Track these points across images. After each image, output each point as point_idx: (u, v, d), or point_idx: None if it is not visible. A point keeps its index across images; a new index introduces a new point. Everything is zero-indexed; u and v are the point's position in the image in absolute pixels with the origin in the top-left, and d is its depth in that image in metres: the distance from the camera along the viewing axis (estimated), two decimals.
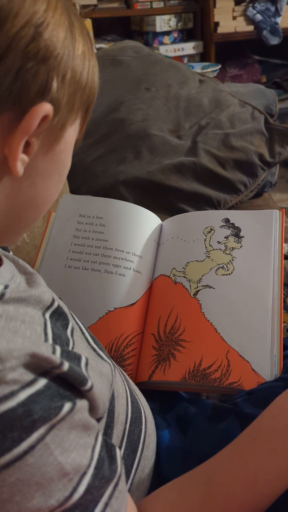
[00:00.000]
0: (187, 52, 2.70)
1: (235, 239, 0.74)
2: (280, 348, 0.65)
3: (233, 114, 1.39)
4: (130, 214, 0.79)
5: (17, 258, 0.53)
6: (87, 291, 0.73)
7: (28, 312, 0.41)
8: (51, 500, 0.34)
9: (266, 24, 2.68)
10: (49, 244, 0.79)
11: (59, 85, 0.39)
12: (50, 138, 0.41)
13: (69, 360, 0.38)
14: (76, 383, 0.38)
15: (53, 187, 0.45)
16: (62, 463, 0.35)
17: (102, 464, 0.39)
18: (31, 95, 0.37)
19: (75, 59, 0.41)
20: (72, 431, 0.36)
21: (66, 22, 0.40)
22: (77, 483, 0.36)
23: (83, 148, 1.35)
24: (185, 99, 1.43)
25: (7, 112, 0.37)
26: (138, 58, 1.57)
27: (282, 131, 1.38)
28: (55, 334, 0.41)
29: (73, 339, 0.45)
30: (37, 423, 0.34)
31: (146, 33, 2.68)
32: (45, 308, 0.44)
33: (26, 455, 0.33)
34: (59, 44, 0.39)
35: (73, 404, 0.37)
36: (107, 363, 0.48)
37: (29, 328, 0.39)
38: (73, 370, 0.37)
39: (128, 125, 1.35)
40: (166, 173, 1.27)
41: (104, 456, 0.39)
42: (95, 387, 0.40)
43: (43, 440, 0.34)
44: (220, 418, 0.58)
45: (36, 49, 0.37)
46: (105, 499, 0.38)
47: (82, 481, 0.36)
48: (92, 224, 0.78)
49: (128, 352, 0.70)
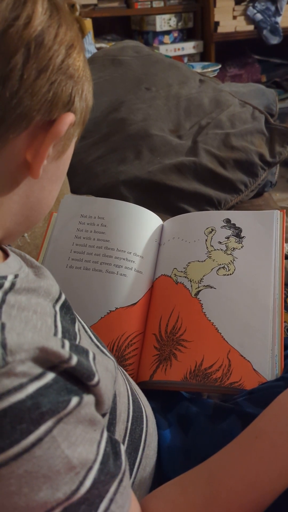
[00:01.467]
0: (187, 52, 2.70)
1: (236, 239, 0.74)
2: (281, 347, 0.66)
3: (234, 114, 1.40)
4: (131, 214, 0.79)
5: (23, 253, 0.53)
6: (88, 291, 0.74)
7: (39, 302, 0.42)
8: (58, 493, 0.34)
9: (266, 24, 2.68)
10: (50, 244, 0.79)
11: (78, 100, 0.45)
12: (63, 146, 0.46)
13: (78, 354, 0.38)
14: (84, 378, 0.39)
15: (56, 192, 0.49)
16: (69, 456, 0.35)
17: (108, 460, 0.39)
18: (60, 105, 0.43)
19: (86, 81, 0.47)
20: (79, 425, 0.37)
21: (83, 49, 0.46)
22: (83, 477, 0.36)
23: (83, 148, 1.35)
24: (186, 99, 1.43)
25: (38, 118, 0.41)
26: (139, 58, 1.57)
27: (282, 131, 1.38)
28: (64, 327, 0.42)
29: (80, 334, 0.45)
30: (45, 416, 0.34)
31: (146, 32, 2.68)
32: (55, 300, 0.45)
33: (34, 447, 0.33)
34: (81, 65, 0.45)
35: (80, 399, 0.37)
36: (111, 359, 0.49)
37: (40, 319, 0.39)
38: (81, 365, 0.38)
39: (128, 125, 1.35)
40: (167, 173, 1.27)
41: (109, 451, 0.40)
42: (101, 382, 0.40)
43: (51, 433, 0.34)
44: (221, 417, 0.58)
45: (67, 66, 0.42)
46: (111, 494, 0.38)
47: (89, 475, 0.36)
48: (93, 225, 0.78)
49: (129, 352, 0.71)
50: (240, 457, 0.46)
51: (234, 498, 0.44)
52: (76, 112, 0.45)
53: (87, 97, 0.47)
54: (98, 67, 1.56)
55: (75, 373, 0.38)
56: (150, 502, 0.47)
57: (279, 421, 0.46)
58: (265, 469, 0.44)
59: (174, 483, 0.48)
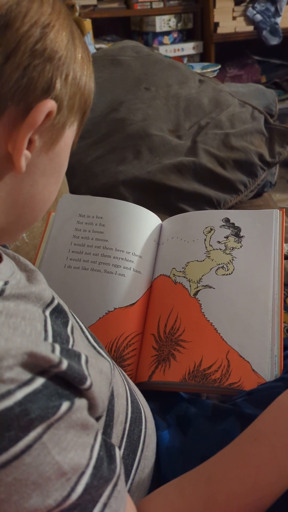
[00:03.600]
0: (187, 52, 2.70)
1: (235, 239, 0.74)
2: (280, 348, 0.65)
3: (233, 114, 1.39)
4: (130, 214, 0.79)
5: (18, 255, 0.52)
6: (87, 291, 0.73)
7: (28, 308, 0.41)
8: (48, 500, 0.34)
9: (266, 24, 2.68)
10: (48, 244, 0.79)
11: (62, 85, 0.41)
12: (52, 137, 0.42)
13: (68, 358, 0.38)
14: (75, 382, 0.38)
15: (52, 186, 0.46)
16: (59, 462, 0.35)
17: (101, 464, 0.38)
18: (37, 92, 0.39)
19: (75, 62, 0.42)
20: (70, 431, 0.36)
21: (68, 27, 0.42)
22: (75, 482, 0.35)
23: (83, 148, 1.35)
24: (185, 99, 1.43)
25: (13, 107, 0.38)
26: (138, 58, 1.57)
27: (282, 131, 1.38)
28: (55, 331, 0.41)
29: (73, 336, 0.44)
30: (34, 422, 0.33)
31: (146, 33, 2.67)
32: (45, 305, 0.44)
33: (23, 455, 0.33)
34: (62, 46, 0.40)
35: (71, 403, 0.36)
36: (107, 361, 0.48)
37: (29, 325, 0.38)
38: (72, 369, 0.37)
39: (128, 125, 1.35)
40: (166, 173, 1.27)
41: (103, 455, 0.39)
42: (94, 385, 0.40)
43: (41, 439, 0.34)
44: (220, 418, 0.58)
45: (42, 48, 0.39)
46: (104, 499, 0.38)
47: (81, 480, 0.36)
48: (92, 224, 0.78)
49: (128, 352, 0.70)
50: (239, 459, 0.46)
51: (233, 500, 0.44)
52: (59, 98, 0.41)
53: (79, 81, 0.43)
54: (98, 67, 1.56)
55: (66, 377, 0.37)
56: (148, 505, 0.47)
57: (278, 423, 0.46)
58: (264, 472, 0.44)
59: (172, 485, 0.48)
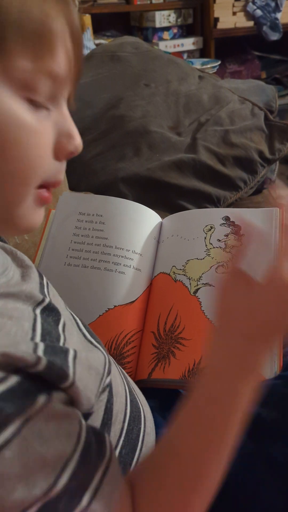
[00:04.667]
0: (187, 48, 2.69)
1: (235, 237, 0.74)
2: (280, 346, 0.65)
3: (233, 111, 1.39)
4: (130, 212, 0.79)
5: (16, 251, 0.52)
6: (86, 289, 0.73)
7: (17, 307, 0.40)
8: (34, 490, 0.34)
9: (266, 20, 2.67)
10: (48, 242, 0.79)
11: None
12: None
13: (53, 356, 0.37)
14: (54, 380, 0.38)
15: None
16: (42, 453, 0.35)
17: (89, 451, 0.38)
18: None
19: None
20: (50, 421, 0.36)
21: None
22: (60, 471, 0.36)
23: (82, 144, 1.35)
24: (185, 96, 1.43)
25: None
26: (138, 54, 1.56)
27: (282, 128, 1.38)
28: (45, 330, 0.41)
29: (65, 334, 0.44)
30: (10, 417, 0.34)
31: (146, 28, 2.66)
32: (36, 303, 0.44)
33: (2, 450, 0.33)
34: None
35: (48, 395, 0.36)
36: (102, 354, 0.47)
37: (15, 325, 0.38)
38: (51, 368, 0.37)
39: (127, 122, 1.35)
40: (166, 170, 1.27)
41: (91, 441, 0.39)
42: (78, 383, 0.39)
43: (19, 433, 0.34)
44: None
45: None
46: (95, 484, 0.38)
47: (66, 468, 0.36)
48: (91, 222, 0.78)
49: (127, 350, 0.70)
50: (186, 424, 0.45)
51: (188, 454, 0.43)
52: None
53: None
54: (97, 63, 1.55)
55: (44, 376, 0.37)
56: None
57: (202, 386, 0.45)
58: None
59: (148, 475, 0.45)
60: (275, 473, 0.51)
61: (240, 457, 0.53)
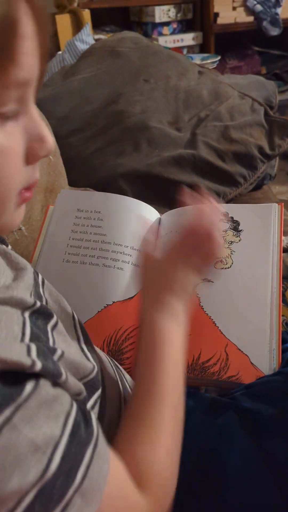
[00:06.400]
0: (187, 43, 2.68)
1: (233, 232, 0.74)
2: (279, 342, 0.65)
3: (233, 106, 1.39)
4: (128, 208, 0.79)
5: (10, 253, 0.51)
6: (85, 285, 0.73)
7: (6, 311, 0.40)
8: (29, 476, 0.34)
9: (266, 15, 2.66)
10: (47, 239, 0.79)
11: None
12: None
13: (44, 357, 0.38)
14: (50, 378, 0.38)
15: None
16: (32, 439, 0.35)
17: (78, 429, 0.39)
18: None
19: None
20: (42, 406, 0.36)
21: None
22: (51, 453, 0.36)
23: (81, 140, 1.35)
24: (184, 91, 1.42)
25: None
26: (137, 49, 1.55)
27: (282, 123, 1.37)
28: (34, 333, 0.41)
29: (54, 337, 0.44)
30: (0, 407, 0.33)
31: (145, 23, 2.65)
32: (25, 307, 0.43)
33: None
34: None
35: (36, 381, 0.36)
36: (91, 364, 0.48)
37: (5, 329, 0.38)
38: (46, 369, 0.37)
39: (127, 117, 1.34)
40: (165, 165, 1.26)
41: (80, 420, 0.39)
42: (69, 379, 0.40)
43: (10, 421, 0.34)
44: (218, 412, 0.58)
45: None
46: (86, 461, 0.38)
47: (57, 450, 0.36)
48: (90, 219, 0.78)
49: (126, 345, 0.70)
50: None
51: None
52: None
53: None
54: (96, 59, 1.55)
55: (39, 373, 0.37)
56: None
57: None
58: None
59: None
60: (273, 469, 0.51)
61: (239, 452, 0.53)
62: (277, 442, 0.53)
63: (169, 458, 0.46)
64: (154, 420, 0.47)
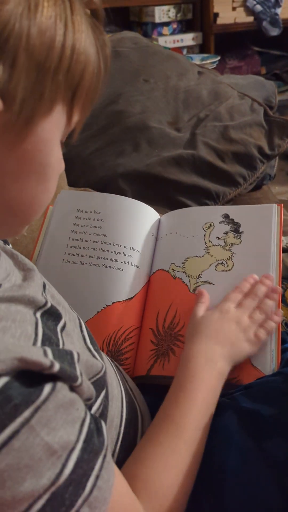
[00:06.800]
0: (186, 43, 2.68)
1: (234, 234, 0.74)
2: (278, 342, 0.65)
3: (232, 106, 1.39)
4: (128, 209, 0.79)
5: (17, 253, 0.52)
6: (85, 286, 0.73)
7: (19, 310, 0.40)
8: (43, 480, 0.34)
9: (266, 15, 2.66)
10: (46, 240, 0.79)
11: (8, 72, 0.32)
12: (10, 135, 0.36)
13: (60, 359, 0.38)
14: (66, 380, 0.38)
15: (34, 189, 0.41)
16: (49, 442, 0.35)
17: (92, 437, 0.39)
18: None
19: (38, 31, 0.33)
20: (59, 410, 0.36)
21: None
22: (66, 459, 0.36)
23: (81, 140, 1.34)
24: (184, 91, 1.42)
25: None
26: (137, 49, 1.55)
27: (281, 123, 1.37)
28: (46, 334, 0.41)
29: (63, 339, 0.44)
30: (20, 408, 0.33)
31: (145, 24, 2.65)
32: (37, 307, 0.44)
33: (11, 440, 0.33)
34: (8, 15, 0.31)
35: (53, 384, 0.36)
36: (99, 362, 0.48)
37: (19, 327, 0.38)
38: (63, 371, 0.37)
39: (126, 117, 1.34)
40: (165, 165, 1.26)
41: (93, 428, 0.40)
42: (84, 383, 0.40)
43: (28, 423, 0.34)
44: (217, 413, 0.58)
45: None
46: (96, 471, 0.38)
47: (71, 456, 0.36)
48: (90, 219, 0.78)
49: (126, 346, 0.70)
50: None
51: None
52: (7, 91, 0.33)
53: (47, 57, 0.34)
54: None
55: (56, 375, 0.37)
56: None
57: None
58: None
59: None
60: (273, 469, 0.51)
61: (239, 452, 0.53)
62: (276, 442, 0.53)
63: (179, 479, 0.48)
64: (172, 443, 0.50)
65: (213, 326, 0.63)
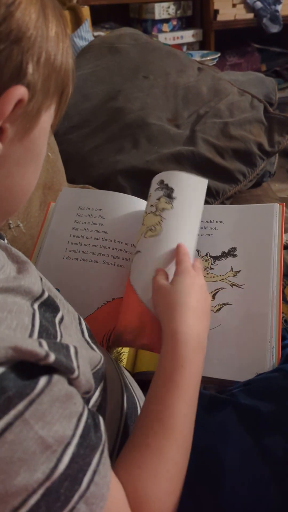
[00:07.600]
0: (186, 40, 2.68)
1: (166, 199, 0.71)
2: (278, 338, 0.65)
3: (232, 103, 1.38)
4: (129, 206, 0.79)
5: (10, 247, 0.52)
6: (85, 282, 0.73)
7: (16, 301, 0.40)
8: (36, 474, 0.34)
9: (266, 12, 2.66)
10: (47, 236, 0.79)
11: (34, 68, 0.38)
12: (25, 125, 0.40)
13: (56, 352, 0.38)
14: (62, 372, 0.38)
15: (31, 176, 0.45)
16: (43, 436, 0.35)
17: (89, 432, 0.39)
18: (5, 78, 0.36)
19: (49, 40, 0.40)
20: (55, 404, 0.36)
21: (39, 2, 0.39)
22: (61, 453, 0.36)
23: (80, 137, 1.34)
24: (184, 88, 1.42)
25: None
26: (136, 46, 1.55)
27: (281, 120, 1.37)
28: (43, 326, 0.41)
29: (61, 331, 0.44)
30: (14, 400, 0.33)
31: (145, 20, 2.65)
32: (34, 298, 0.44)
33: (4, 433, 0.33)
34: (31, 25, 0.38)
35: (49, 377, 0.36)
36: (98, 354, 0.48)
37: (15, 318, 0.38)
38: (59, 362, 0.37)
39: (126, 114, 1.34)
40: (164, 162, 1.26)
41: (91, 423, 0.39)
42: (81, 376, 0.40)
43: (22, 416, 0.34)
44: (216, 409, 0.58)
45: (8, 29, 0.36)
46: (94, 466, 0.38)
47: (67, 451, 0.36)
48: (91, 216, 0.78)
49: None
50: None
51: None
52: (32, 83, 0.38)
53: (54, 60, 0.40)
54: (95, 55, 1.54)
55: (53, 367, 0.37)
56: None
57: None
58: None
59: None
60: (272, 465, 0.51)
61: (237, 449, 0.53)
62: (275, 438, 0.53)
63: (170, 485, 0.46)
64: (161, 446, 0.47)
65: (193, 295, 0.58)
